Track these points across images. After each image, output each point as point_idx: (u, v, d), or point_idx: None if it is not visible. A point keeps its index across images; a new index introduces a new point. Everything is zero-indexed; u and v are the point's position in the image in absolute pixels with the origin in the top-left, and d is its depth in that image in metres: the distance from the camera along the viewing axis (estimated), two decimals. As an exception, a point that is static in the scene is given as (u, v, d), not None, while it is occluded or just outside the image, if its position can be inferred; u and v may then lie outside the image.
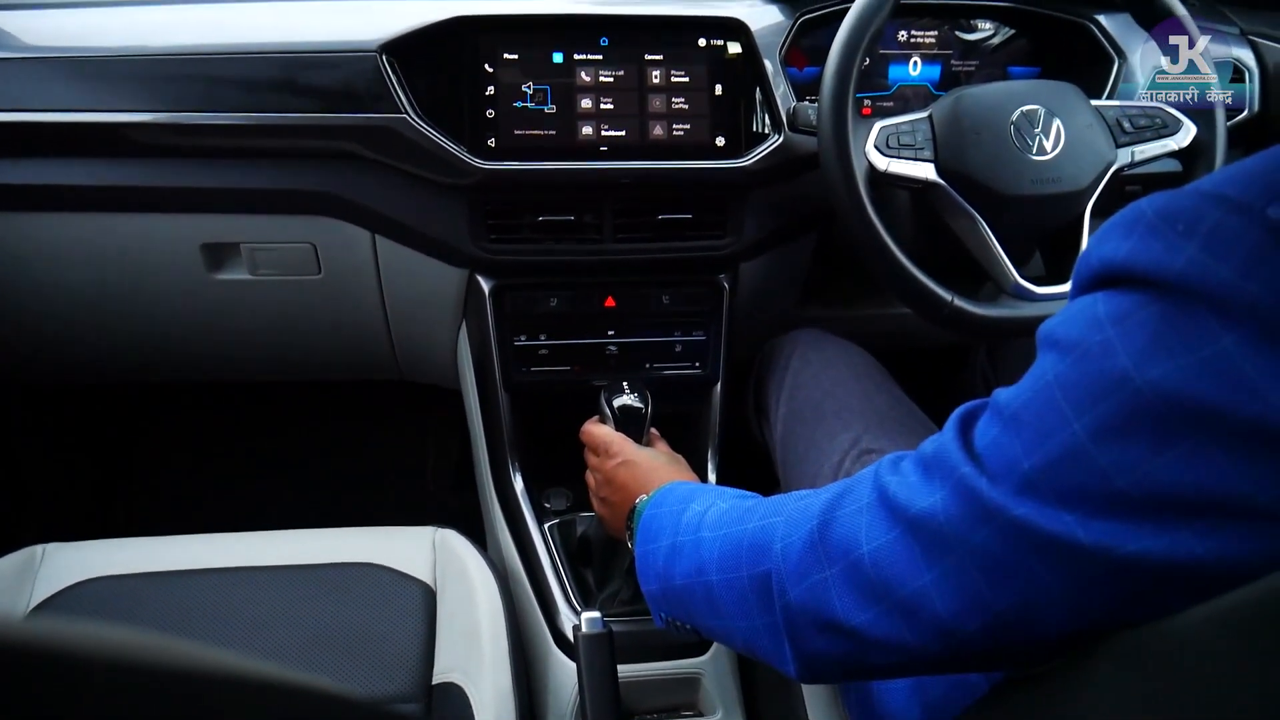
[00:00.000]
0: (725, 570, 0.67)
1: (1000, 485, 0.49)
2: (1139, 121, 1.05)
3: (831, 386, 1.07)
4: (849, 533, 0.58)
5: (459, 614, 0.97)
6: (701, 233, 1.16)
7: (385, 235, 1.15)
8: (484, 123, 1.08)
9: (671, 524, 0.77)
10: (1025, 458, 0.48)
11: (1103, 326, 0.46)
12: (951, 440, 0.54)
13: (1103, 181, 1.03)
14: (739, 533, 0.68)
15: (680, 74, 1.11)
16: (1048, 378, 0.48)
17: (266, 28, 1.08)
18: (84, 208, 1.11)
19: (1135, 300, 0.45)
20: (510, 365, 1.18)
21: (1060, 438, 0.47)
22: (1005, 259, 1.00)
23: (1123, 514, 0.45)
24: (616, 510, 0.94)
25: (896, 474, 0.58)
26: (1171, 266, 0.43)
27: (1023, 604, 0.50)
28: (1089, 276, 0.48)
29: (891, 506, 0.56)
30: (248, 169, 1.09)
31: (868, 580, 0.56)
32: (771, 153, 1.11)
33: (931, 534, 0.53)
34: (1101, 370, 0.45)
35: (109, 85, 1.05)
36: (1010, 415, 0.50)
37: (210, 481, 1.72)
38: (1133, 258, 0.45)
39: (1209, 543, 0.43)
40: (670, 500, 0.81)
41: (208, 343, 1.34)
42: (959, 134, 1.01)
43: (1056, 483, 0.47)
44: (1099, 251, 0.48)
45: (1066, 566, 0.47)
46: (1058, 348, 0.49)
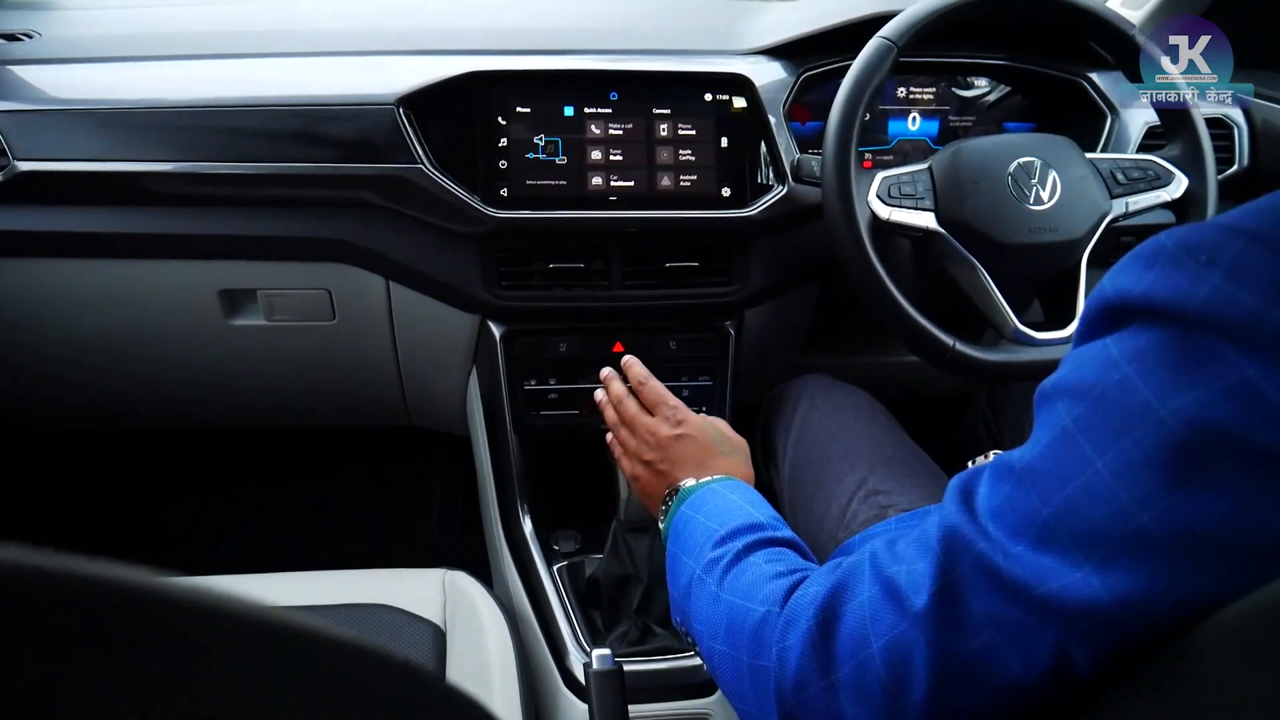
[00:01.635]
0: (729, 645, 0.65)
1: (1018, 544, 0.48)
2: (1132, 173, 1.08)
3: (838, 430, 1.09)
4: (854, 632, 0.55)
5: (469, 654, 0.98)
6: (708, 280, 1.18)
7: (399, 281, 1.17)
8: (497, 173, 1.11)
9: (698, 547, 0.74)
10: (1044, 506, 0.48)
11: (1119, 366, 0.46)
12: (956, 513, 0.52)
13: (1098, 231, 1.05)
14: (744, 612, 0.64)
15: (687, 127, 1.15)
16: (1064, 424, 0.48)
17: (287, 82, 1.11)
18: (105, 254, 1.14)
19: (1152, 336, 0.45)
20: (520, 409, 1.19)
21: (1081, 479, 0.46)
22: (1005, 305, 1.03)
23: (1142, 556, 0.44)
24: (659, 480, 0.89)
25: (897, 561, 0.55)
26: (1195, 296, 0.43)
27: (1055, 671, 0.49)
28: (1102, 310, 0.48)
29: (899, 598, 0.53)
30: (266, 217, 1.12)
31: (879, 682, 0.53)
32: (776, 203, 1.14)
33: (947, 620, 0.51)
34: (1123, 407, 0.45)
35: (134, 136, 1.08)
36: (1024, 469, 0.50)
37: (220, 527, 1.73)
38: (1154, 289, 0.45)
39: (1228, 582, 0.43)
40: (707, 510, 0.77)
41: (223, 388, 1.35)
42: (958, 184, 1.04)
43: (1076, 526, 0.46)
44: (1115, 284, 0.48)
45: (1098, 631, 0.46)
46: (1070, 395, 0.48)
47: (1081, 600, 0.46)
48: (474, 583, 1.05)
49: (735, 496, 0.79)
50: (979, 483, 0.53)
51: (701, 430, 0.91)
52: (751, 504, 0.78)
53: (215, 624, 0.25)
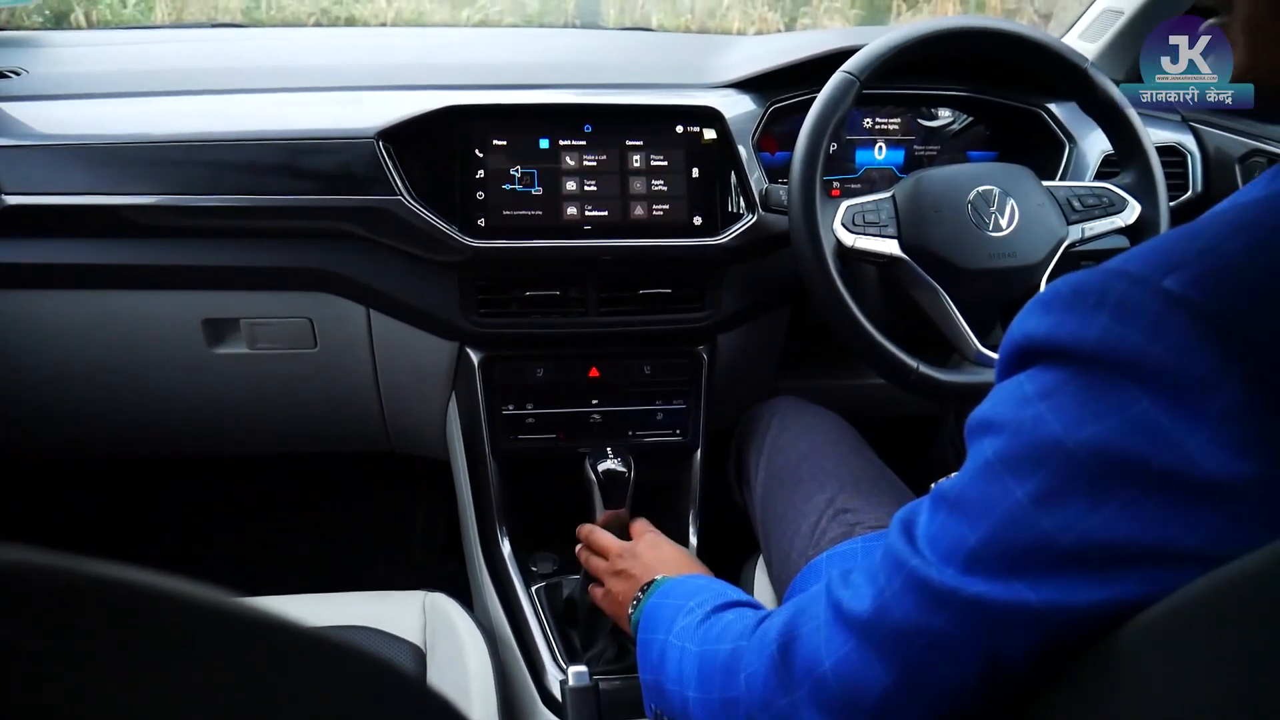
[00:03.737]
0: (701, 689, 0.69)
1: (949, 568, 0.51)
2: (1088, 200, 1.12)
3: (809, 450, 1.12)
4: (809, 652, 0.58)
5: (449, 674, 1.00)
6: (681, 306, 1.21)
7: (379, 310, 1.20)
8: (474, 204, 1.14)
9: (669, 621, 0.79)
10: (971, 533, 0.51)
11: (1032, 402, 0.50)
12: (896, 540, 0.55)
13: (1055, 256, 1.09)
14: (713, 653, 0.69)
15: (659, 158, 1.18)
16: (986, 456, 0.51)
17: (269, 117, 1.14)
18: (91, 285, 1.16)
19: (1059, 375, 0.49)
20: (498, 433, 1.22)
21: (1004, 506, 0.49)
22: (967, 329, 1.06)
23: (1068, 571, 0.48)
24: (629, 584, 0.95)
25: (847, 587, 0.58)
26: (1087, 337, 0.47)
27: (990, 675, 0.52)
28: (1014, 351, 0.53)
29: (845, 618, 0.57)
30: (248, 248, 1.15)
31: (834, 697, 0.56)
32: (746, 231, 1.17)
33: (888, 633, 0.54)
34: (1036, 440, 0.49)
35: (119, 170, 1.10)
36: (954, 500, 0.53)
37: (205, 553, 1.73)
38: (1053, 332, 0.49)
39: (1145, 587, 0.46)
40: (677, 593, 0.83)
41: (207, 416, 1.37)
42: (920, 212, 1.07)
43: (1003, 552, 0.49)
44: (1022, 328, 0.52)
45: (1025, 631, 0.50)
46: (992, 429, 0.52)
47: (1007, 602, 0.49)
48: (454, 604, 1.07)
49: (703, 581, 0.86)
50: (920, 513, 0.56)
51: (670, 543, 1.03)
52: (720, 585, 0.84)
53: (200, 619, 0.27)
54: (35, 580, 0.24)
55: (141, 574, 0.26)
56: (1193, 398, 0.45)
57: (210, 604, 0.27)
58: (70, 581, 0.24)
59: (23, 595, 0.24)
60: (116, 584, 0.25)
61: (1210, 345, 0.44)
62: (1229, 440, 0.44)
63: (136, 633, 0.26)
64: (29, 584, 0.24)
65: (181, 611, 0.27)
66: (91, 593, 0.25)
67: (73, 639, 0.24)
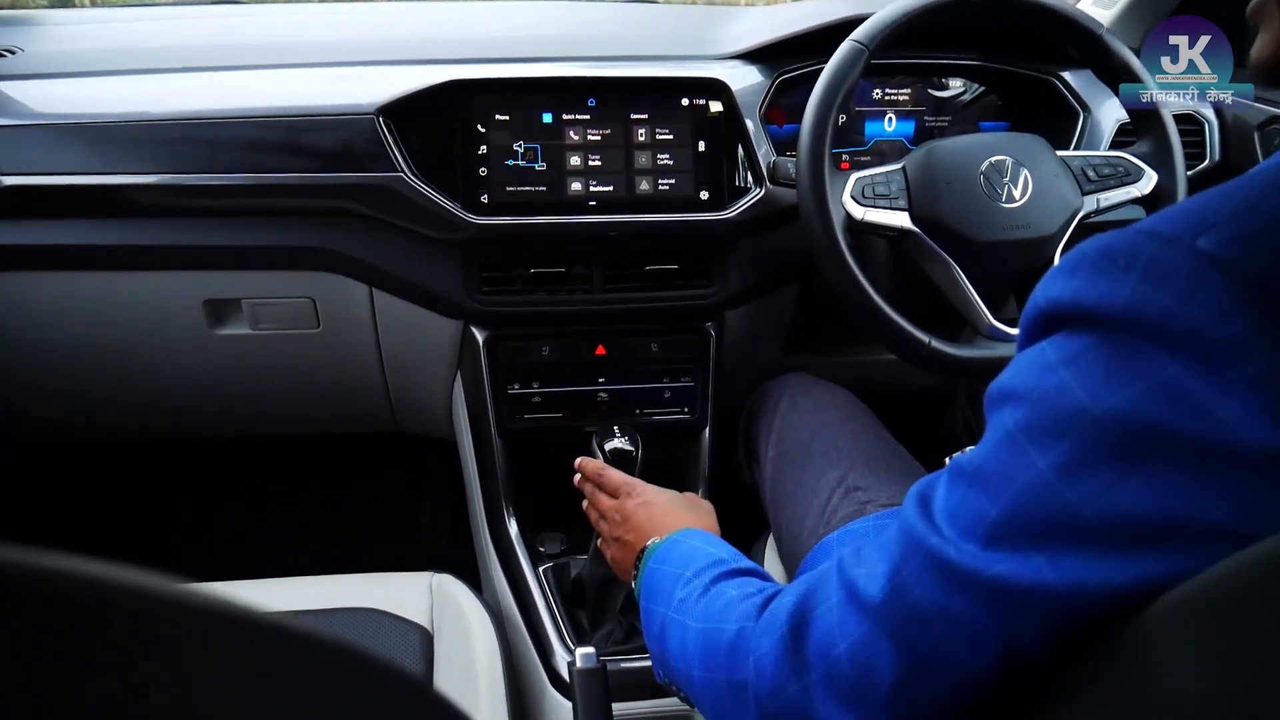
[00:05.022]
0: (706, 669, 0.67)
1: (969, 543, 0.49)
2: (1103, 170, 1.10)
3: (819, 428, 1.10)
4: (822, 636, 0.56)
5: (456, 657, 0.99)
6: (688, 282, 1.20)
7: (382, 289, 1.18)
8: (477, 180, 1.12)
9: (667, 593, 0.77)
10: (992, 505, 0.49)
11: (1055, 370, 0.48)
12: (912, 515, 0.53)
13: (1070, 227, 1.07)
14: (718, 633, 0.66)
15: (665, 132, 1.16)
16: (1008, 427, 0.50)
17: (269, 93, 1.12)
18: (89, 266, 1.14)
19: (1084, 340, 0.47)
20: (504, 413, 1.21)
21: (1026, 478, 0.48)
22: (980, 302, 1.04)
23: (1090, 546, 0.46)
24: (628, 551, 0.94)
25: (861, 565, 0.56)
26: (1116, 300, 0.45)
27: (1009, 660, 0.50)
28: (1036, 318, 0.50)
29: (860, 600, 0.55)
30: (249, 227, 1.13)
31: (849, 681, 0.55)
32: (753, 205, 1.16)
33: (905, 616, 0.52)
34: (1059, 409, 0.47)
35: (117, 149, 1.09)
36: (973, 472, 0.51)
37: (211, 534, 1.73)
38: (1079, 295, 0.47)
39: (1170, 565, 0.44)
40: (672, 559, 0.81)
41: (210, 397, 1.36)
42: (931, 184, 1.05)
43: (1025, 523, 0.48)
44: (1046, 292, 0.50)
45: (1044, 614, 0.48)
46: (1013, 399, 0.50)
47: (1031, 584, 0.47)
48: (460, 585, 1.06)
49: (696, 542, 0.82)
50: (937, 487, 0.55)
51: (658, 494, 0.97)
52: (712, 544, 0.81)
53: (202, 623, 0.26)
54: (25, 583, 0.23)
55: (139, 576, 0.25)
56: (1225, 363, 0.43)
57: (213, 609, 0.26)
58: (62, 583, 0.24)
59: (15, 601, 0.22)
60: (97, 582, 0.24)
61: (1245, 308, 0.42)
62: (1262, 408, 0.42)
63: (139, 640, 0.25)
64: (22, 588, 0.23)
65: (184, 616, 0.26)
66: (70, 593, 0.24)
67: (72, 646, 0.23)
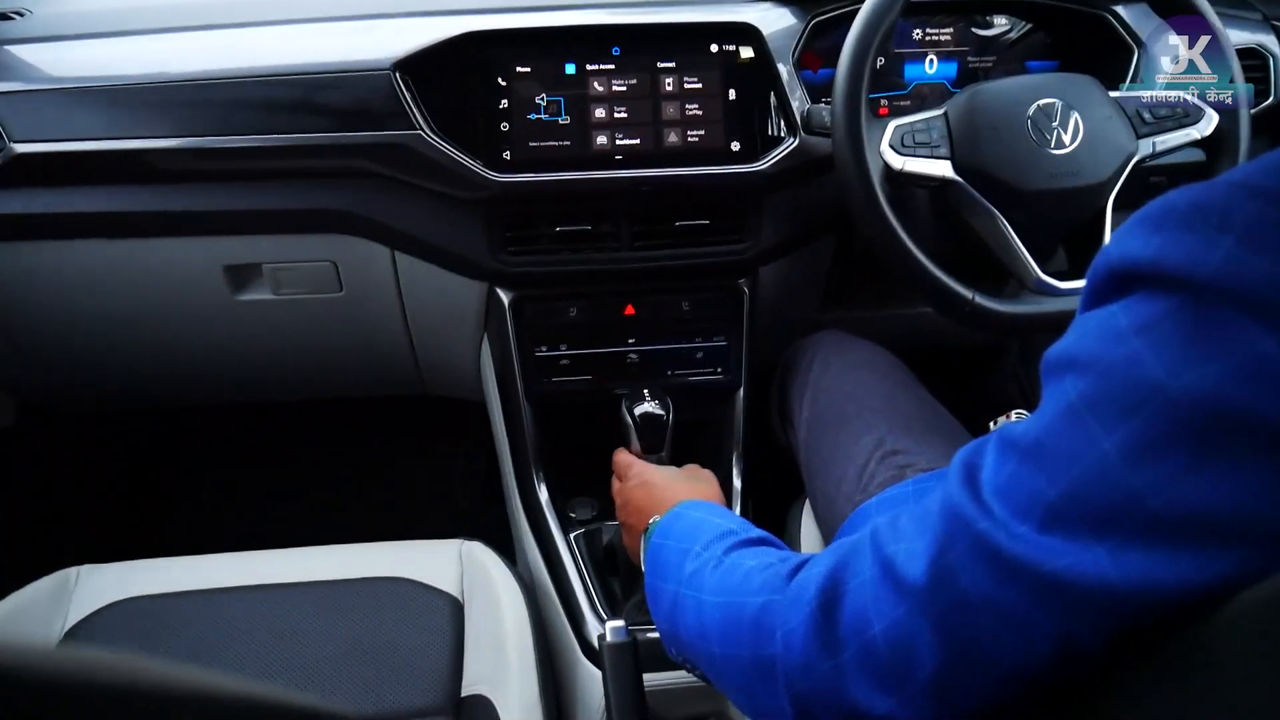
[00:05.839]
0: (727, 645, 0.63)
1: (1023, 525, 0.45)
2: (1159, 111, 1.03)
3: (854, 389, 1.06)
4: (856, 612, 0.53)
5: (486, 626, 0.98)
6: (719, 238, 1.15)
7: (404, 251, 1.15)
8: (498, 136, 1.08)
9: (675, 568, 0.73)
10: (1050, 487, 0.45)
11: (1127, 338, 0.43)
12: (959, 491, 0.49)
13: (1124, 174, 1.01)
14: (739, 606, 0.62)
15: (693, 80, 1.11)
16: (1070, 399, 0.45)
17: (281, 51, 1.09)
18: (106, 234, 1.12)
19: (1163, 305, 0.42)
20: (531, 376, 1.18)
21: (1089, 460, 0.43)
22: (1026, 255, 0.99)
23: (1158, 540, 0.42)
24: (632, 535, 0.92)
25: (897, 538, 0.52)
26: (1207, 263, 0.40)
27: (1064, 658, 0.46)
28: (1107, 276, 0.45)
29: (897, 579, 0.51)
30: (267, 190, 1.10)
31: (884, 664, 0.51)
32: (787, 156, 1.11)
33: (948, 604, 0.48)
34: (1130, 383, 0.42)
35: (131, 113, 1.06)
36: (1030, 445, 0.47)
37: (243, 500, 1.73)
38: (1163, 255, 0.42)
39: (1248, 567, 0.40)
40: (676, 532, 0.77)
41: (234, 364, 1.35)
42: (975, 130, 1.00)
43: (1085, 509, 0.43)
44: (1123, 248, 0.44)
45: (1100, 613, 0.44)
46: (1075, 367, 0.45)
47: (1090, 580, 0.43)
48: (490, 553, 1.05)
49: (699, 514, 0.79)
50: (984, 456, 0.50)
51: (655, 472, 0.96)
52: (718, 515, 0.78)
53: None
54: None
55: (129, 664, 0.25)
56: None
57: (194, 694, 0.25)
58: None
59: None
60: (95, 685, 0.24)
61: None
62: None
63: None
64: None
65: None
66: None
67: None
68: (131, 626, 0.96)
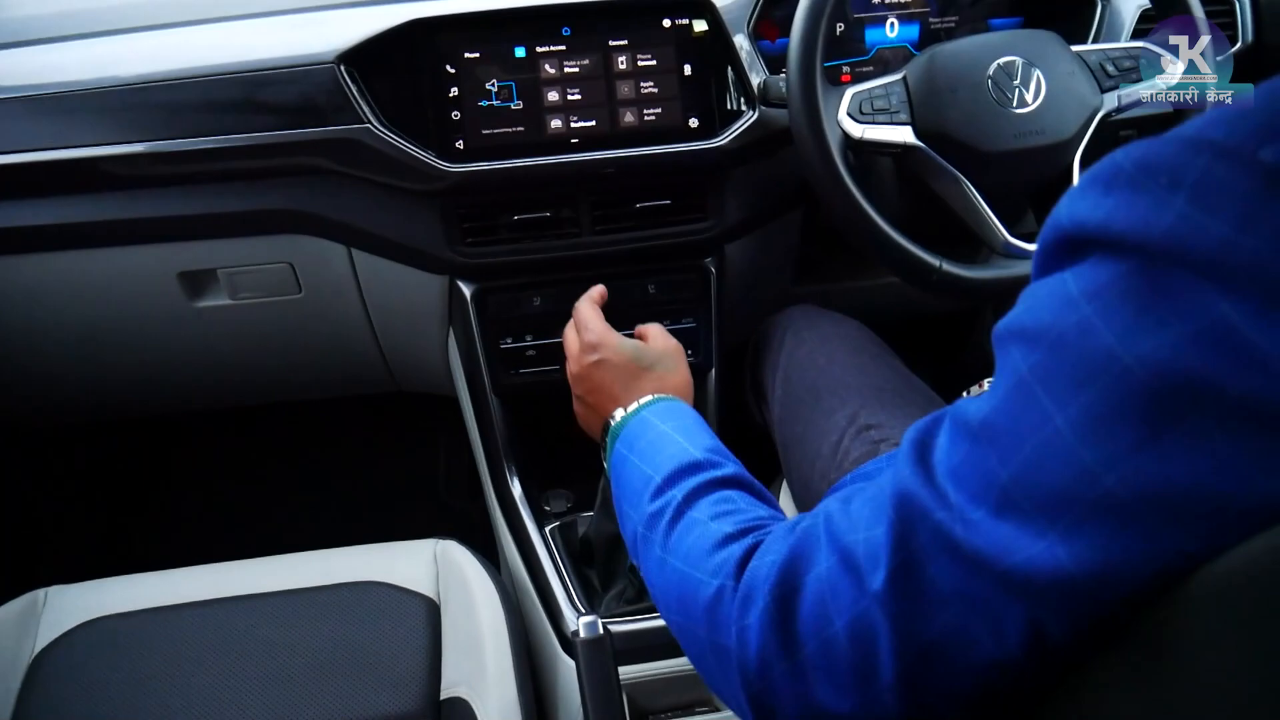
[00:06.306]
0: (686, 617, 0.59)
1: (978, 509, 0.43)
2: (1124, 64, 1.01)
3: (826, 364, 1.04)
4: (815, 608, 0.50)
5: (462, 626, 0.96)
6: (682, 218, 1.13)
7: (360, 248, 1.13)
8: (450, 125, 1.06)
9: (637, 496, 0.69)
10: (1002, 467, 0.43)
11: (1077, 305, 0.40)
12: (911, 473, 0.47)
13: (1089, 129, 0.99)
14: (695, 582, 0.58)
15: (646, 57, 1.08)
16: (1020, 373, 0.43)
17: (222, 48, 1.06)
18: (54, 246, 1.10)
19: (1114, 270, 0.39)
20: (498, 369, 1.16)
21: (1040, 435, 0.41)
22: (993, 218, 0.97)
23: (1112, 523, 0.40)
24: (591, 417, 0.86)
25: (854, 527, 0.50)
26: (1157, 225, 0.38)
27: (1035, 648, 0.44)
28: (1057, 241, 0.43)
29: (858, 572, 0.48)
30: (216, 193, 1.08)
31: (847, 662, 0.48)
32: (747, 130, 1.09)
33: (911, 597, 0.46)
34: (1082, 353, 0.40)
35: (68, 120, 1.03)
36: (980, 424, 0.45)
37: (225, 510, 1.71)
38: (1112, 218, 0.40)
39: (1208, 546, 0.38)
40: (641, 446, 0.72)
41: (200, 372, 1.33)
42: (935, 93, 0.98)
43: (1036, 490, 0.41)
44: (1071, 212, 0.42)
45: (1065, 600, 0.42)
46: (1024, 338, 0.43)
47: (1048, 573, 0.41)
48: (464, 552, 1.03)
49: (667, 426, 0.74)
50: (937, 435, 0.48)
51: (619, 350, 0.86)
52: (685, 433, 0.72)
53: None
54: None
55: None
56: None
57: None
58: None
59: None
60: None
61: None
62: None
63: None
64: None
65: None
66: None
67: None
68: (102, 647, 0.94)
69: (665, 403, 0.79)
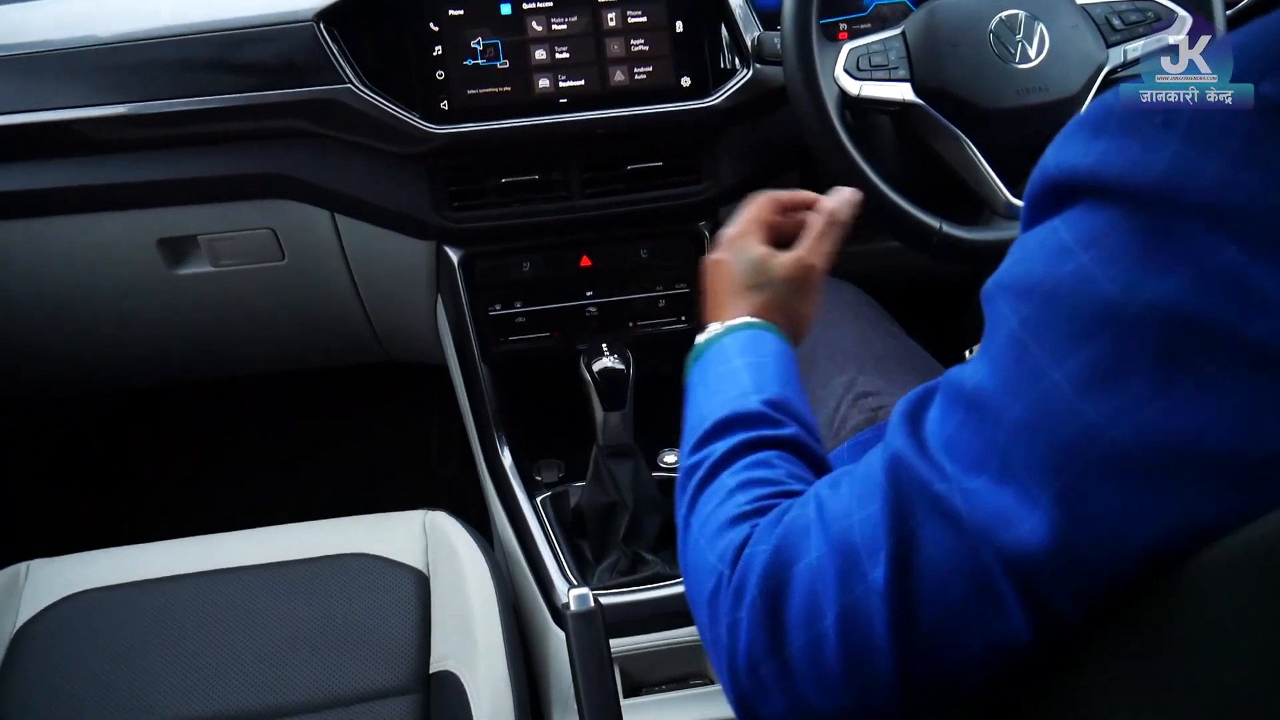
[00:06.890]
0: (692, 589, 0.55)
1: (979, 477, 0.41)
2: (1130, 17, 0.99)
3: (823, 330, 1.01)
4: (805, 600, 0.46)
5: (451, 599, 0.95)
6: (674, 180, 1.11)
7: (343, 213, 1.11)
8: (434, 85, 1.03)
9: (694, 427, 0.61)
10: (997, 431, 0.40)
11: (1073, 253, 0.38)
12: (904, 443, 0.44)
13: (1094, 86, 0.97)
14: (700, 566, 0.54)
15: (637, 14, 1.06)
16: (1011, 328, 0.40)
17: (198, 5, 1.03)
18: (29, 213, 1.07)
19: (1109, 216, 0.37)
20: (487, 336, 1.14)
21: (1035, 392, 0.39)
22: (995, 178, 0.95)
23: (1116, 480, 0.37)
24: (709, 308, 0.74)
25: (847, 511, 0.46)
26: (1151, 168, 0.36)
27: (1040, 624, 0.41)
28: (1046, 189, 0.41)
29: (853, 557, 0.45)
30: (194, 157, 1.05)
31: (838, 656, 0.45)
32: (741, 89, 1.06)
33: (915, 577, 0.43)
34: (1080, 304, 0.38)
35: (40, 82, 1.01)
36: (974, 389, 0.42)
37: (214, 482, 1.69)
38: (1103, 162, 0.38)
39: (1221, 506, 0.36)
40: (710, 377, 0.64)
41: (181, 342, 1.31)
42: (934, 48, 0.95)
43: (1032, 452, 0.39)
44: (1060, 158, 0.40)
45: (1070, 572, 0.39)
46: (1014, 292, 0.41)
47: (1050, 545, 0.39)
48: (453, 522, 1.01)
49: (741, 361, 0.64)
50: (929, 406, 0.45)
51: (738, 258, 0.72)
52: (756, 374, 0.62)
53: None
54: None
55: None
56: None
57: None
58: None
59: None
60: None
61: None
62: None
63: None
64: None
65: None
66: None
67: None
68: (85, 621, 0.93)
69: (754, 332, 0.67)
